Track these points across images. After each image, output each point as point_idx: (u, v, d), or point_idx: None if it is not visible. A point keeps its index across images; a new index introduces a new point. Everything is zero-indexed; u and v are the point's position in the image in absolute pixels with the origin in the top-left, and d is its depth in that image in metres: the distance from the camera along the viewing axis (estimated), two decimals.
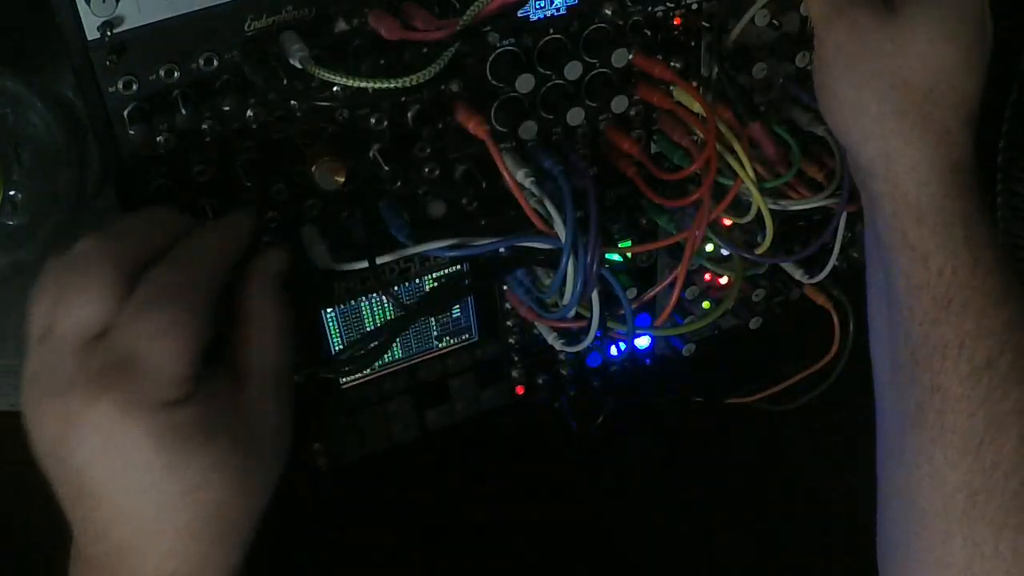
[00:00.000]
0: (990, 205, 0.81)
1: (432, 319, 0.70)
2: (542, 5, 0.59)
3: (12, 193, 0.57)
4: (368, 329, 0.67)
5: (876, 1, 0.57)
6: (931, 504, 0.55)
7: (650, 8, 0.63)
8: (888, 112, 0.56)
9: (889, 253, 0.57)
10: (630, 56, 0.63)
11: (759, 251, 0.67)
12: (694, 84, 0.66)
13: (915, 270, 0.56)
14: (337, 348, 0.66)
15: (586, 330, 0.64)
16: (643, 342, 0.78)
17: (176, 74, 0.53)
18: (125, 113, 0.53)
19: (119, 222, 0.51)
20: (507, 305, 0.72)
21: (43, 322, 0.48)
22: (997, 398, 0.54)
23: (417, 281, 0.67)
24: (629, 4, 0.62)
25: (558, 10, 0.60)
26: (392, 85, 0.50)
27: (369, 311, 0.67)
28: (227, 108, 0.54)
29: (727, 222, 0.70)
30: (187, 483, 0.46)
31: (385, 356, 0.69)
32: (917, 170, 0.56)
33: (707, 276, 0.76)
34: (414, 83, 0.50)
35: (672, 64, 0.64)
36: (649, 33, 0.63)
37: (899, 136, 0.56)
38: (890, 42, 0.56)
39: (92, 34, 0.50)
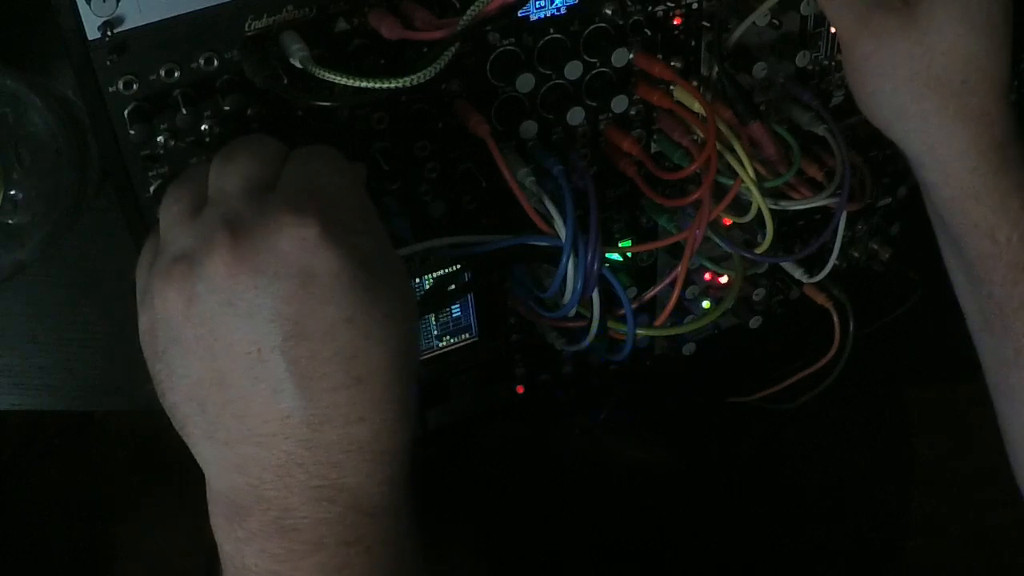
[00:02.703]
0: None
1: (432, 318, 0.70)
2: (542, 5, 0.59)
3: (12, 193, 0.57)
4: None
5: (895, 3, 0.58)
6: None
7: (650, 8, 0.63)
8: (928, 110, 0.58)
9: (955, 231, 0.60)
10: (630, 56, 0.63)
11: (759, 250, 0.67)
12: (694, 83, 0.66)
13: (984, 244, 0.59)
14: None
15: (586, 329, 0.64)
16: (643, 341, 0.78)
17: (176, 74, 0.53)
18: (125, 113, 0.53)
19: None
20: (507, 304, 0.72)
21: (193, 200, 0.47)
22: None
23: (417, 280, 0.67)
24: (629, 4, 0.62)
25: (558, 10, 0.60)
26: (392, 85, 0.50)
27: None
28: (227, 108, 0.54)
29: (727, 221, 0.70)
30: (388, 305, 0.44)
31: None
32: (965, 157, 0.58)
33: (707, 275, 0.76)
34: (414, 83, 0.50)
35: (672, 63, 0.64)
36: (649, 33, 0.63)
37: (942, 129, 0.58)
38: (917, 45, 0.57)
39: (92, 34, 0.50)
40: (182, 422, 0.45)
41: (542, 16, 0.60)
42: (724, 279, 0.76)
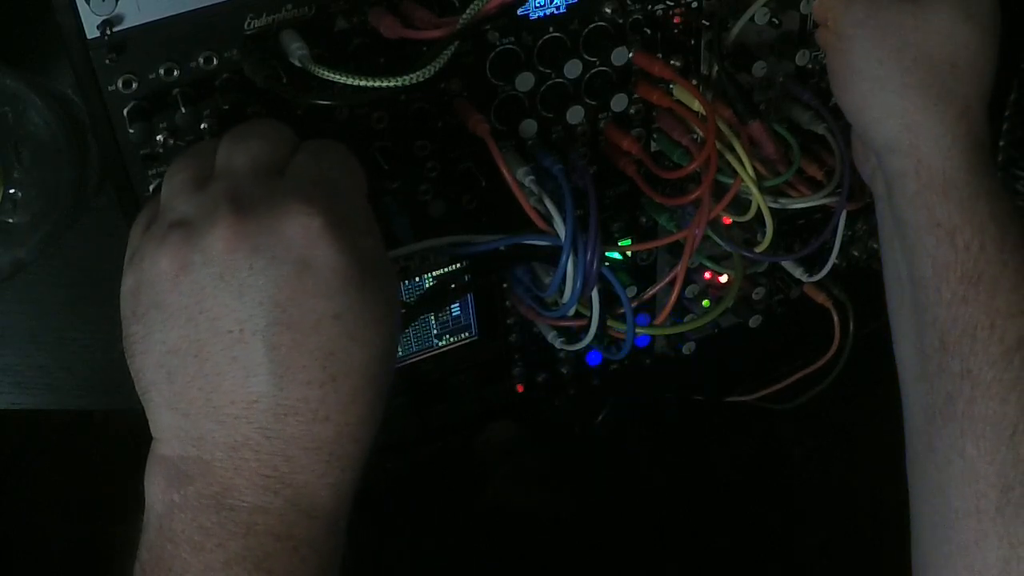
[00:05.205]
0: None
1: (432, 317, 0.70)
2: (542, 3, 0.59)
3: (12, 192, 0.57)
4: None
5: None
6: (963, 503, 0.53)
7: (650, 6, 0.63)
8: (912, 85, 0.56)
9: (913, 235, 0.57)
10: (630, 54, 0.63)
11: (759, 249, 0.67)
12: (694, 82, 0.66)
13: (942, 248, 0.56)
14: None
15: (586, 328, 0.64)
16: (643, 341, 0.78)
17: (176, 73, 0.53)
18: (125, 112, 0.53)
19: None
20: (507, 303, 0.72)
21: (198, 172, 0.46)
22: None
23: (417, 279, 0.67)
24: (629, 2, 0.62)
25: (558, 8, 0.60)
26: (392, 84, 0.50)
27: None
28: (226, 107, 0.54)
29: (727, 220, 0.70)
30: (376, 309, 0.44)
31: None
32: (941, 143, 0.56)
33: (707, 274, 0.76)
34: (414, 82, 0.50)
35: (672, 62, 0.64)
36: (649, 31, 0.63)
37: (923, 109, 0.56)
38: (912, 17, 0.56)
39: (92, 33, 0.50)
40: (146, 387, 0.45)
41: (542, 15, 0.60)
42: (724, 278, 0.76)
